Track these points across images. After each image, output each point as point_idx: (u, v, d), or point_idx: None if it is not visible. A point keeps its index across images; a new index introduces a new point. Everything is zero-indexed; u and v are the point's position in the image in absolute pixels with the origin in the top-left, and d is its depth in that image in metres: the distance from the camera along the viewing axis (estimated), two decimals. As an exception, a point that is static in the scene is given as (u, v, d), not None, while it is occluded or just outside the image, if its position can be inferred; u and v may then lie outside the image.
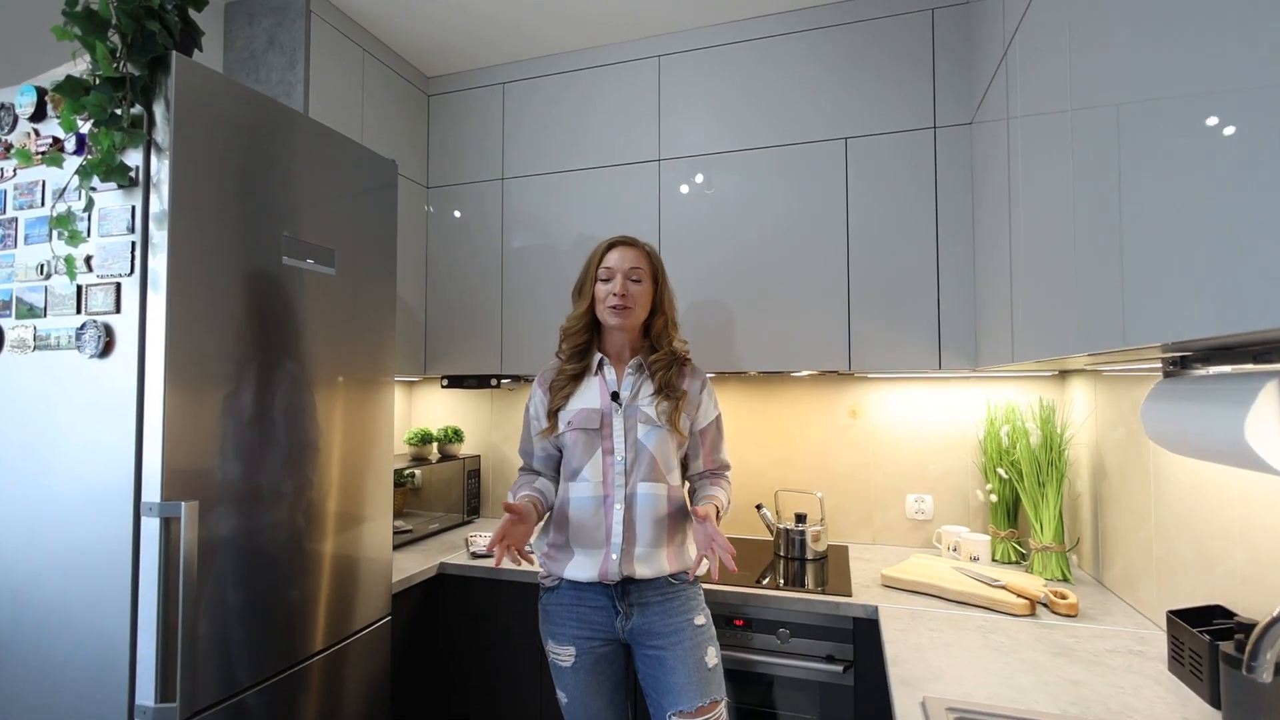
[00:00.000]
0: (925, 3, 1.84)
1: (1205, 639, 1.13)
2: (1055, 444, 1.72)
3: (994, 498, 1.86)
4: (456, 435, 2.37)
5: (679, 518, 1.48)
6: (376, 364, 1.69)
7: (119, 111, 1.19)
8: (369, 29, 2.09)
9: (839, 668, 1.58)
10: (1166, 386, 1.04)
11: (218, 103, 1.28)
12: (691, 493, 1.58)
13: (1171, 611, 1.25)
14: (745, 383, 2.26)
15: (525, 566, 1.44)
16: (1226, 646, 1.08)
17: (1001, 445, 1.85)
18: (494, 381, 2.22)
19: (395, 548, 1.92)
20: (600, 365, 1.51)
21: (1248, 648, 0.82)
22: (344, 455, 1.58)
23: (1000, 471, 1.84)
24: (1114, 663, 1.28)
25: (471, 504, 2.40)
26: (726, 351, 1.97)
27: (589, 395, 1.49)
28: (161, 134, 1.20)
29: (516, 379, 2.38)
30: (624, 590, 1.42)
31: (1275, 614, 0.81)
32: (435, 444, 2.34)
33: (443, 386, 2.30)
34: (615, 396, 1.48)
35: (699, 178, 2.02)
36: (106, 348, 1.22)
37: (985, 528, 1.94)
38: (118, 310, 1.22)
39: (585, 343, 1.52)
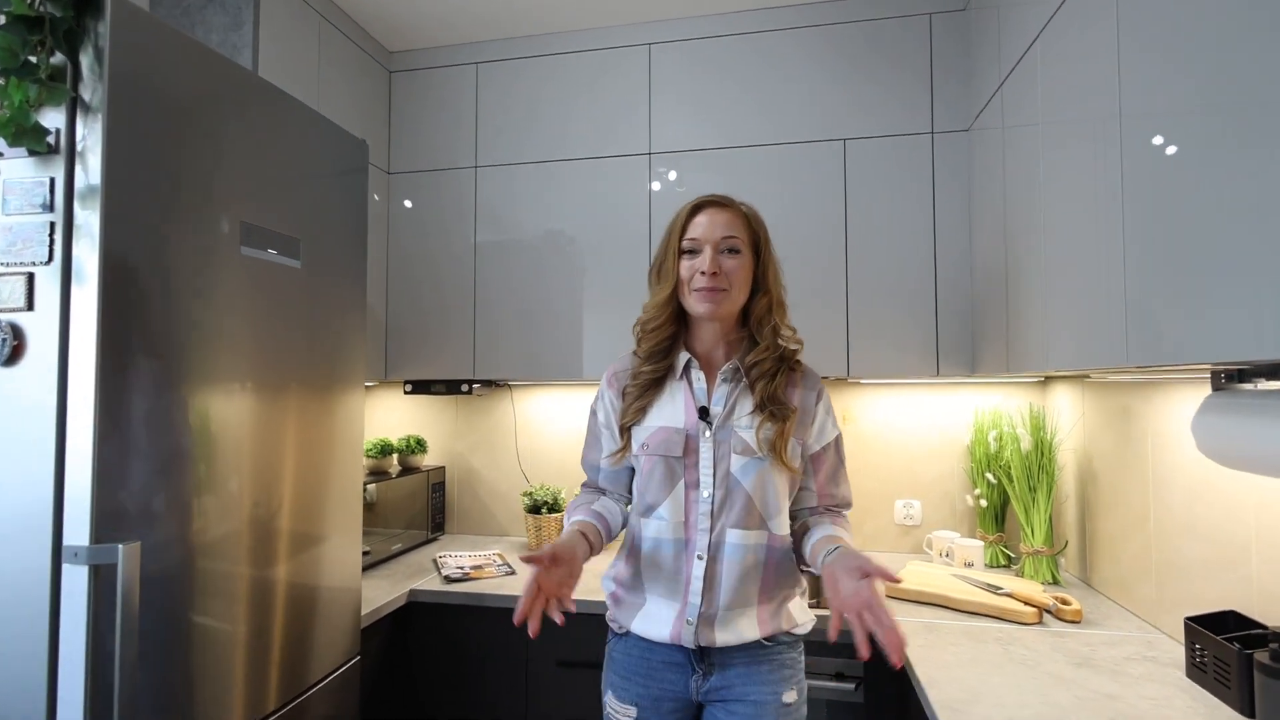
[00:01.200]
0: (924, 7, 1.82)
1: (1235, 648, 1.14)
2: (1046, 449, 1.74)
3: (983, 503, 1.87)
4: (419, 445, 2.18)
5: (781, 573, 1.15)
6: (345, 369, 1.50)
7: (34, 59, 0.96)
8: (325, -7, 1.86)
9: (850, 685, 1.53)
10: (1221, 401, 1.03)
11: (162, 57, 1.06)
12: (801, 534, 1.19)
13: (1190, 618, 1.26)
14: None
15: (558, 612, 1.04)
16: (1261, 656, 1.10)
17: (990, 450, 1.86)
18: (465, 387, 2.04)
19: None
20: (687, 368, 1.18)
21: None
22: (309, 474, 1.38)
23: (989, 476, 1.85)
24: (1134, 671, 1.28)
25: (436, 520, 2.21)
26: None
27: (671, 409, 1.16)
28: (90, 91, 0.98)
29: (490, 384, 2.21)
30: (703, 651, 1.14)
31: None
32: (396, 455, 2.14)
33: (405, 392, 2.10)
34: (704, 413, 1.14)
35: (693, 174, 1.92)
36: (14, 353, 0.98)
37: (973, 532, 1.96)
38: (29, 307, 0.98)
39: (670, 338, 1.18)
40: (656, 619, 1.14)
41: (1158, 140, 1.01)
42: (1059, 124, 1.32)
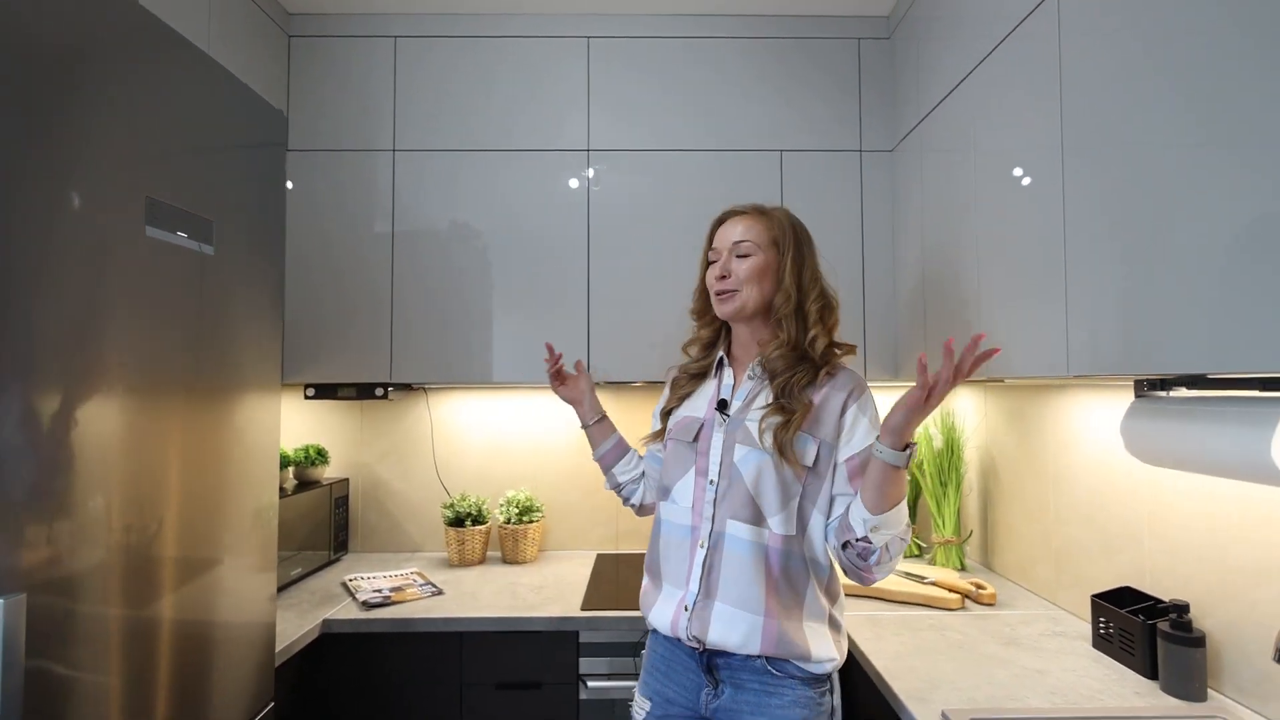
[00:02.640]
0: (853, 32, 1.92)
1: (1140, 619, 1.31)
2: (955, 447, 1.90)
3: (897, 498, 2.00)
4: (320, 456, 1.95)
5: (790, 581, 1.09)
6: (258, 369, 1.30)
7: None
8: (215, -62, 1.61)
9: (798, 682, 1.57)
10: (1147, 406, 1.17)
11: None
12: (843, 548, 1.09)
13: (1095, 595, 1.43)
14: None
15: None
16: (1163, 625, 1.26)
17: (902, 449, 1.99)
18: (380, 391, 1.85)
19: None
20: (720, 366, 1.24)
21: (1276, 641, 0.94)
22: (209, 490, 1.17)
23: (902, 474, 1.98)
24: (1050, 646, 1.43)
25: (340, 538, 1.99)
26: (650, 358, 1.86)
27: (699, 401, 1.23)
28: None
29: (408, 388, 2.03)
30: (710, 662, 1.11)
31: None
32: (292, 468, 1.90)
33: (307, 397, 1.87)
34: (723, 405, 1.18)
35: (630, 175, 1.88)
36: None
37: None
38: None
39: (711, 341, 1.28)
40: (662, 609, 1.16)
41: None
42: (973, 155, 1.46)
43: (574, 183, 1.89)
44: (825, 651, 1.11)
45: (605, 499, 2.13)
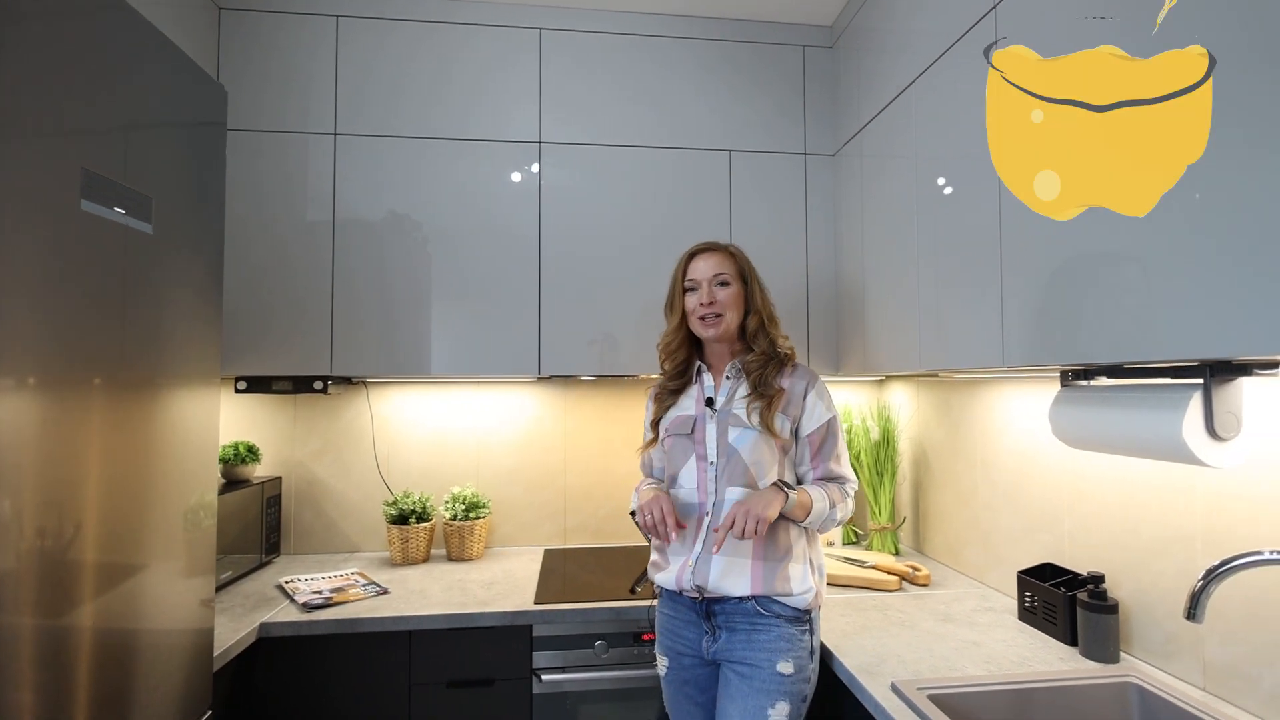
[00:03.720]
0: (797, 39, 1.99)
1: (1062, 591, 1.42)
2: (891, 438, 2.00)
3: (836, 488, 2.09)
4: (250, 453, 1.84)
5: (777, 529, 1.34)
6: (195, 359, 1.22)
7: None
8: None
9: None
10: (1073, 394, 1.27)
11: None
12: None
13: (1021, 571, 1.54)
14: (620, 386, 2.18)
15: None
16: (1082, 595, 1.38)
17: (841, 441, 2.08)
18: (319, 384, 1.76)
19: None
20: (699, 374, 1.46)
21: (1186, 602, 1.04)
22: (146, 493, 1.10)
23: (841, 464, 2.07)
24: (983, 621, 1.53)
25: (271, 540, 1.88)
26: (606, 353, 1.87)
27: (687, 403, 1.45)
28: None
29: (347, 381, 1.94)
30: (709, 609, 1.34)
31: (1204, 576, 1.03)
32: (220, 466, 1.78)
33: (237, 390, 1.76)
34: (710, 402, 1.42)
35: (582, 170, 1.88)
36: None
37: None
38: None
39: (685, 359, 1.47)
40: (671, 572, 1.37)
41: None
42: (912, 162, 1.55)
43: (524, 175, 1.86)
44: (803, 585, 1.33)
45: (553, 494, 2.12)
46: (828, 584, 1.75)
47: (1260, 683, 1.12)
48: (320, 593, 1.63)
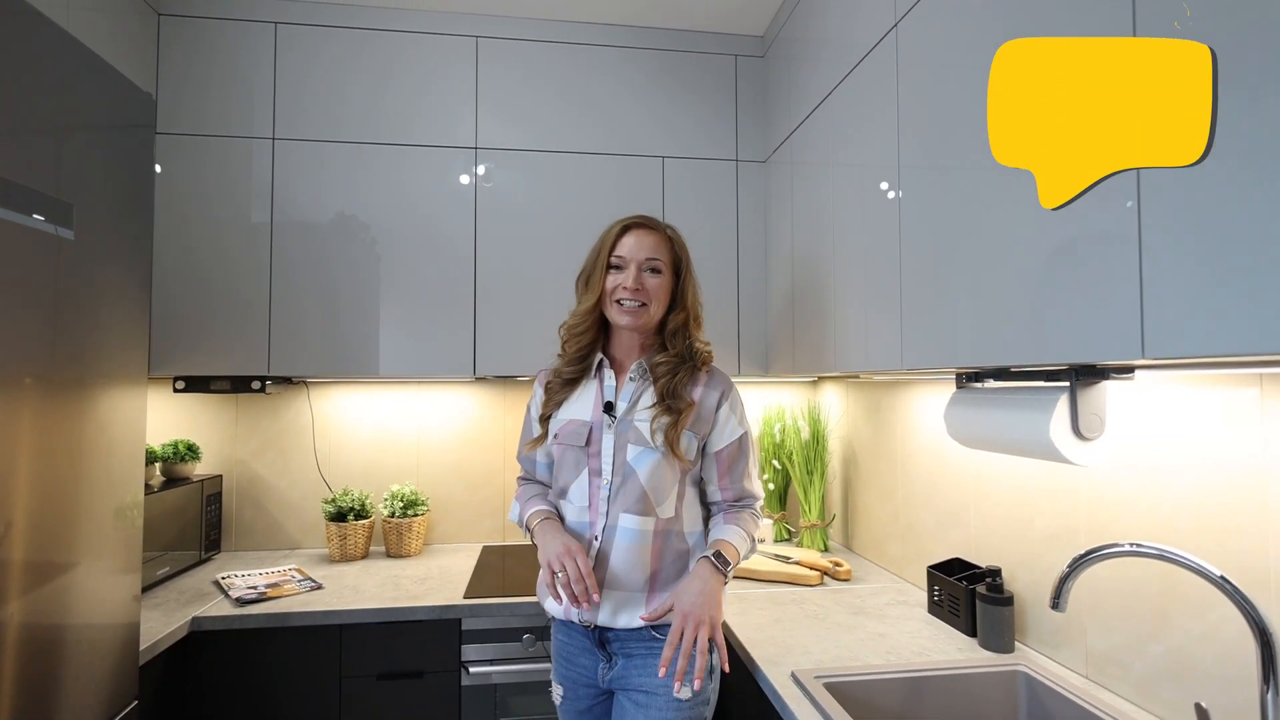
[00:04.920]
0: (729, 48, 2.05)
1: (963, 585, 1.49)
2: (821, 438, 2.07)
3: (770, 486, 2.16)
4: (190, 452, 1.87)
5: (670, 558, 1.24)
6: (121, 361, 1.26)
7: None
8: (75, -95, 1.52)
9: (673, 657, 1.67)
10: (965, 396, 1.34)
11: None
12: (709, 528, 1.32)
13: (931, 566, 1.61)
14: None
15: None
16: (981, 589, 1.45)
17: (775, 440, 2.15)
18: (257, 384, 1.80)
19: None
20: (599, 368, 1.29)
21: (1052, 592, 1.11)
22: (73, 491, 1.14)
23: (775, 463, 2.13)
24: (893, 614, 1.60)
25: (211, 537, 1.91)
26: (536, 352, 1.91)
27: (581, 404, 1.28)
28: None
29: (288, 381, 1.97)
30: (603, 637, 1.23)
31: (1068, 567, 1.11)
32: (159, 464, 1.81)
33: (175, 390, 1.79)
34: (609, 408, 1.25)
35: (519, 174, 1.93)
36: None
37: (764, 512, 2.23)
38: None
39: (591, 342, 1.29)
40: (555, 598, 1.20)
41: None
42: (831, 169, 1.62)
43: (462, 179, 1.91)
44: None
45: (492, 492, 2.17)
46: (754, 579, 1.82)
47: (1132, 669, 1.20)
48: (255, 588, 1.66)
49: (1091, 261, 0.88)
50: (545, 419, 1.31)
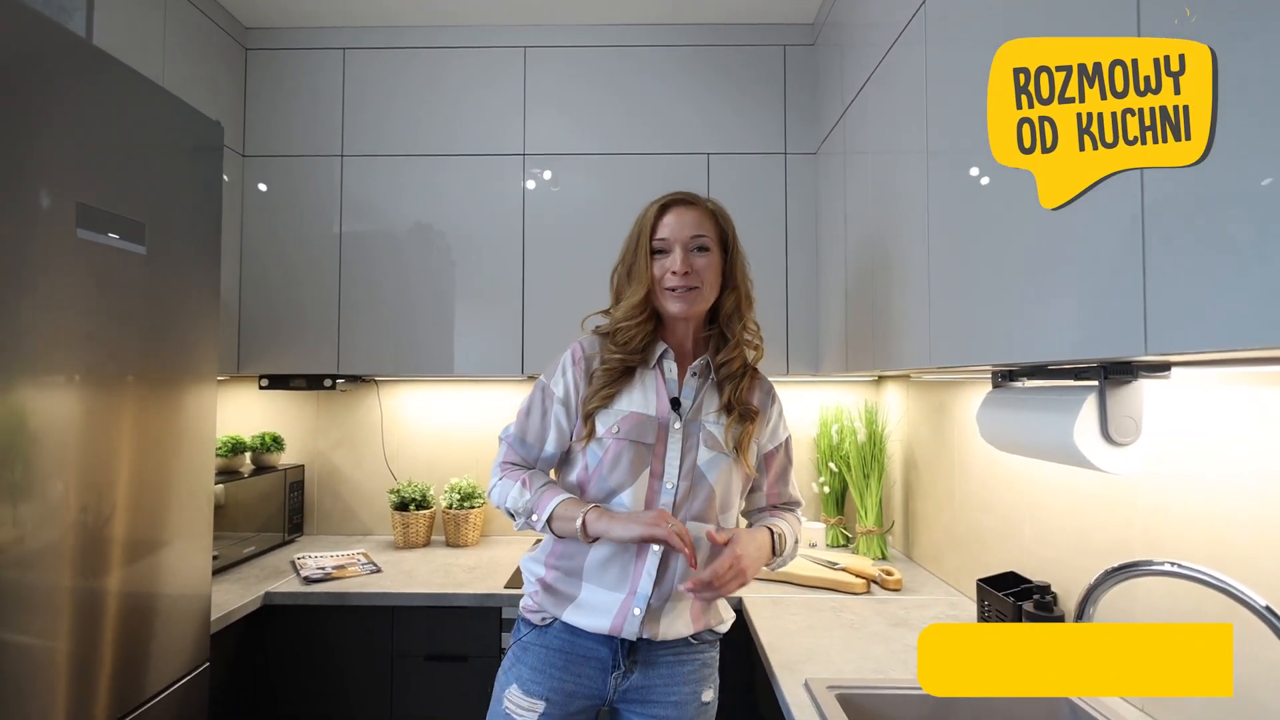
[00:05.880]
0: (778, 39, 2.00)
1: (1010, 600, 1.38)
2: (878, 440, 1.97)
3: (826, 489, 2.08)
4: (275, 443, 2.08)
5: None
6: (193, 361, 1.42)
7: None
8: (172, -40, 1.74)
9: (705, 658, 1.66)
10: (997, 396, 1.24)
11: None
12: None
13: (981, 580, 1.50)
14: None
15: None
16: (1028, 605, 1.33)
17: (832, 442, 2.07)
18: (329, 382, 1.97)
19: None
20: (661, 359, 1.18)
21: (1076, 605, 1.01)
22: (150, 475, 1.30)
23: (831, 465, 2.06)
24: (938, 628, 1.49)
25: (294, 521, 2.12)
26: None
27: (642, 396, 1.14)
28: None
29: (356, 380, 2.15)
30: (633, 646, 1.12)
31: (1093, 581, 1.01)
32: (249, 453, 2.03)
33: (261, 387, 2.00)
34: (675, 404, 1.15)
35: (566, 177, 1.98)
36: None
37: (818, 516, 2.16)
38: None
39: (649, 335, 1.16)
40: (595, 609, 1.11)
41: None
42: (885, 154, 1.52)
43: (511, 184, 1.99)
44: (728, 613, 1.25)
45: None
46: (788, 582, 1.76)
47: (1189, 705, 1.06)
48: (323, 568, 1.82)
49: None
50: (591, 414, 1.14)
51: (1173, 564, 0.89)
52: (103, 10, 1.54)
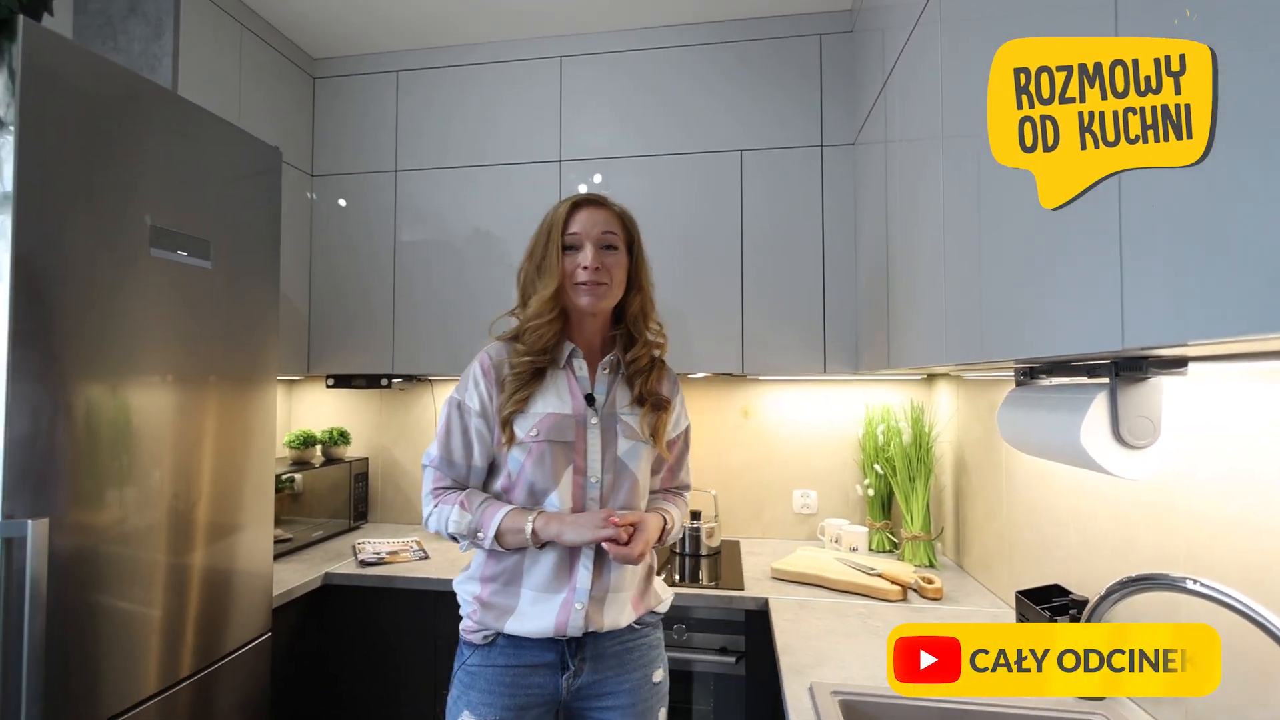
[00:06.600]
0: (814, 28, 1.96)
1: (1046, 614, 1.29)
2: (924, 442, 1.89)
3: (870, 492, 2.01)
4: (343, 437, 2.26)
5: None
6: (256, 363, 1.58)
7: None
8: (248, 3, 1.94)
9: (731, 659, 1.65)
10: (1017, 394, 1.16)
11: (72, 75, 1.15)
12: None
13: (1019, 591, 1.40)
14: None
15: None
16: (1062, 620, 1.24)
17: (878, 443, 2.00)
18: (385, 382, 2.13)
19: (274, 558, 1.81)
20: (570, 358, 1.20)
21: (1083, 618, 0.95)
22: (218, 461, 1.47)
23: (876, 467, 1.98)
24: (972, 639, 1.42)
25: (359, 509, 2.29)
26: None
27: (557, 397, 1.17)
28: (3, 107, 1.07)
29: (410, 379, 2.30)
30: (579, 643, 1.14)
31: (1100, 595, 0.94)
32: (319, 446, 2.22)
33: (328, 386, 2.18)
34: (590, 400, 1.18)
35: (603, 179, 2.03)
36: (-65, 345, 1.07)
37: (864, 520, 2.09)
38: (-51, 304, 1.07)
39: (558, 332, 1.17)
40: (535, 615, 1.12)
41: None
42: (913, 141, 1.46)
43: (549, 189, 2.06)
44: (666, 593, 1.29)
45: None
46: (820, 586, 1.72)
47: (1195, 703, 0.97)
48: (378, 553, 1.96)
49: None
50: (509, 419, 1.14)
51: (1193, 580, 0.82)
52: (187, 51, 1.74)
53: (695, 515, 2.03)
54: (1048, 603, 1.34)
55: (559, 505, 1.14)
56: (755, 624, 1.66)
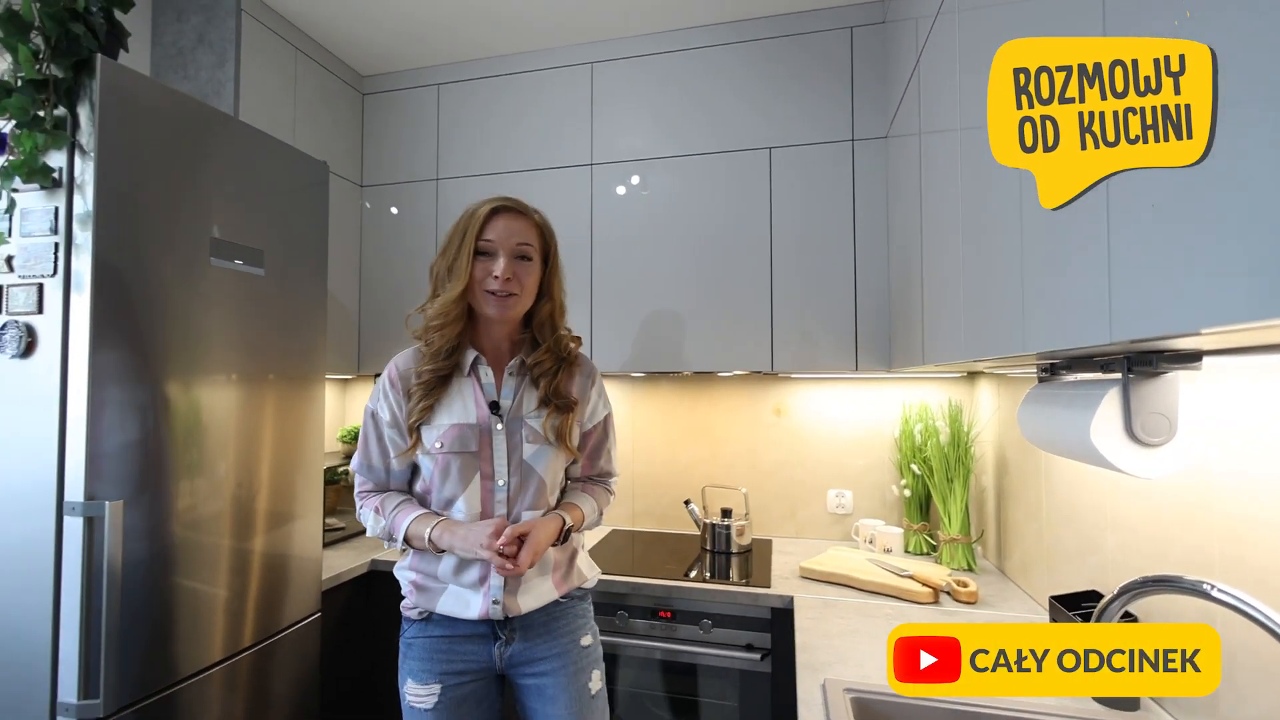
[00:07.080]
0: (844, 21, 1.93)
1: (1078, 621, 1.24)
2: (962, 441, 1.83)
3: (908, 492, 1.97)
4: (394, 434, 2.38)
5: (564, 539, 1.26)
6: (307, 362, 1.70)
7: (42, 114, 1.19)
8: (301, 28, 2.08)
9: (757, 655, 1.66)
10: (1037, 391, 1.13)
11: (143, 105, 1.28)
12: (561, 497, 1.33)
13: (1053, 596, 1.36)
14: (677, 382, 2.32)
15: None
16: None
17: (915, 443, 1.96)
18: (431, 381, 2.23)
19: (326, 545, 1.94)
20: (474, 365, 1.23)
21: (1093, 619, 0.92)
22: (273, 453, 1.59)
23: (913, 467, 1.94)
24: (1002, 644, 1.38)
25: (408, 502, 2.41)
26: (665, 352, 2.02)
27: (461, 406, 1.20)
28: (85, 136, 1.20)
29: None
30: (507, 619, 1.22)
31: (1115, 593, 0.91)
32: (372, 443, 2.34)
33: (378, 385, 2.31)
34: (495, 407, 1.22)
35: (633, 180, 2.07)
36: (28, 348, 1.21)
37: (900, 521, 2.05)
38: (40, 311, 1.21)
39: (458, 335, 1.21)
40: (459, 605, 1.20)
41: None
42: (938, 133, 1.43)
43: (581, 192, 2.11)
44: (591, 571, 1.35)
45: (625, 482, 2.32)
46: (849, 586, 1.70)
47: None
48: (424, 545, 2.06)
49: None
50: (415, 427, 1.20)
51: (1208, 584, 0.80)
52: (247, 76, 1.88)
53: (725, 513, 2.04)
54: (1081, 609, 1.30)
55: (466, 510, 1.20)
56: (781, 622, 1.66)
